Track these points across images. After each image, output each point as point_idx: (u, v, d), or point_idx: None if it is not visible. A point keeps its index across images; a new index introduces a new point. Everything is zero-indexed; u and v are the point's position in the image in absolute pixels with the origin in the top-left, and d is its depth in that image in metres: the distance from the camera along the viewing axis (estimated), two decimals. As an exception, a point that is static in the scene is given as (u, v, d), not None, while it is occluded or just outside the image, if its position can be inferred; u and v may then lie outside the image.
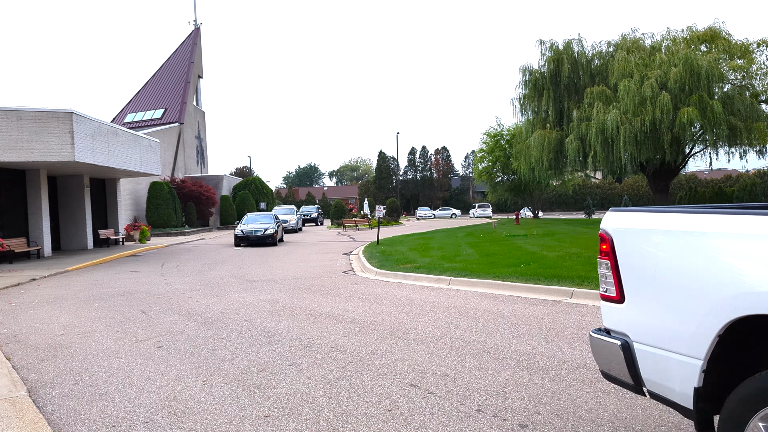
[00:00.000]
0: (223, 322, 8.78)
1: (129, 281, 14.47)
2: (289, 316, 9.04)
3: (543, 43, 34.69)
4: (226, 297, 11.38)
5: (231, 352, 6.85)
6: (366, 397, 5.10)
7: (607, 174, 40.33)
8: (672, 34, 32.43)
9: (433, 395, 5.07)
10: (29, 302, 11.47)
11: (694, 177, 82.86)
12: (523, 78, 35.37)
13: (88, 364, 6.58)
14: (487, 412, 4.60)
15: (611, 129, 28.91)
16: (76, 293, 12.58)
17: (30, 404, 5.09)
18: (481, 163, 56.53)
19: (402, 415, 4.62)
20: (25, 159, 18.84)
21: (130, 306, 10.60)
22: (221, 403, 5.05)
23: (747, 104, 29.25)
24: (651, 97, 28.63)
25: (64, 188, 25.38)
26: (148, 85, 53.65)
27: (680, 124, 28.03)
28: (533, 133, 33.76)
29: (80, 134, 19.60)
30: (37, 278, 15.31)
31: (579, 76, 34.01)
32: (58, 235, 25.46)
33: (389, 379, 5.60)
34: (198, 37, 55.16)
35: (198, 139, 53.85)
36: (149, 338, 7.81)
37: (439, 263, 14.77)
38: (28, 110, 18.89)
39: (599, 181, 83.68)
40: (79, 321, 9.28)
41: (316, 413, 4.72)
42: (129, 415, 4.85)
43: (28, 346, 7.62)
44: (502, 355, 6.30)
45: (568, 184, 55.49)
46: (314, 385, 5.46)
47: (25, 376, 6.13)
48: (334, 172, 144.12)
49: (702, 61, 28.97)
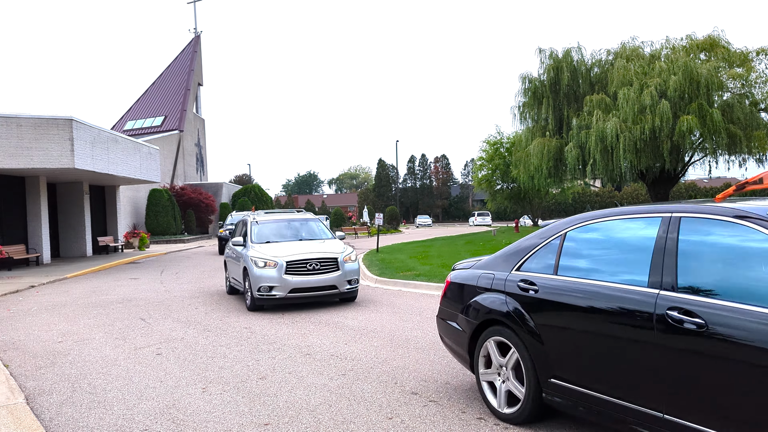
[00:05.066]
0: (222, 329, 8.74)
1: (128, 288, 14.42)
2: (288, 324, 8.99)
3: (542, 52, 34.81)
4: (225, 304, 11.33)
5: (230, 360, 6.80)
6: (366, 405, 5.05)
7: (606, 182, 40.40)
8: (671, 43, 32.54)
9: (434, 403, 5.03)
10: (28, 309, 11.41)
11: (694, 185, 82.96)
12: (523, 86, 35.47)
13: (86, 371, 6.53)
14: (489, 421, 4.56)
15: (611, 137, 28.96)
16: (75, 300, 12.52)
17: (28, 411, 5.04)
18: (481, 171, 56.60)
19: (403, 423, 4.58)
20: (25, 166, 18.82)
21: (129, 313, 10.55)
22: (220, 411, 5.01)
23: (746, 112, 29.32)
24: (650, 105, 28.70)
25: (64, 195, 25.36)
26: (148, 93, 53.77)
27: (680, 132, 28.07)
28: (533, 141, 33.80)
29: (80, 141, 19.60)
30: (36, 285, 15.25)
31: (578, 84, 34.12)
32: (57, 242, 25.42)
33: (390, 386, 5.56)
34: (198, 45, 55.34)
35: (198, 146, 53.90)
36: (148, 345, 7.76)
37: (439, 271, 14.73)
38: (27, 117, 18.89)
39: (599, 189, 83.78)
40: (77, 328, 9.23)
41: (317, 421, 4.68)
42: (128, 423, 4.80)
43: (26, 353, 7.57)
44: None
45: (567, 192, 55.53)
46: (314, 393, 5.42)
47: (23, 384, 6.08)
48: (333, 180, 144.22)
49: (701, 69, 29.07)
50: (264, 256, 10.32)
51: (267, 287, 10.02)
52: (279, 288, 10.03)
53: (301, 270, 10.18)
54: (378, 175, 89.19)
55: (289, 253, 10.36)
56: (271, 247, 10.80)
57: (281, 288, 10.03)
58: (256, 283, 10.07)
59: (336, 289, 10.33)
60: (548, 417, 4.52)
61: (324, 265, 10.33)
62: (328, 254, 10.44)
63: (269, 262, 10.16)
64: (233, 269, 11.98)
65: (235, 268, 11.68)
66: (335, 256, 10.44)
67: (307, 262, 10.21)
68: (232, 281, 12.23)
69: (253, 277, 10.15)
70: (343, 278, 10.39)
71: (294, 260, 10.17)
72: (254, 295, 10.15)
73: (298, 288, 10.10)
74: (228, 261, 12.65)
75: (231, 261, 12.25)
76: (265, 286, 10.02)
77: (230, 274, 12.40)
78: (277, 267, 10.07)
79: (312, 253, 10.38)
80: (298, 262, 10.18)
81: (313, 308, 10.49)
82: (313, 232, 12.07)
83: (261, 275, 10.07)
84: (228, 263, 12.66)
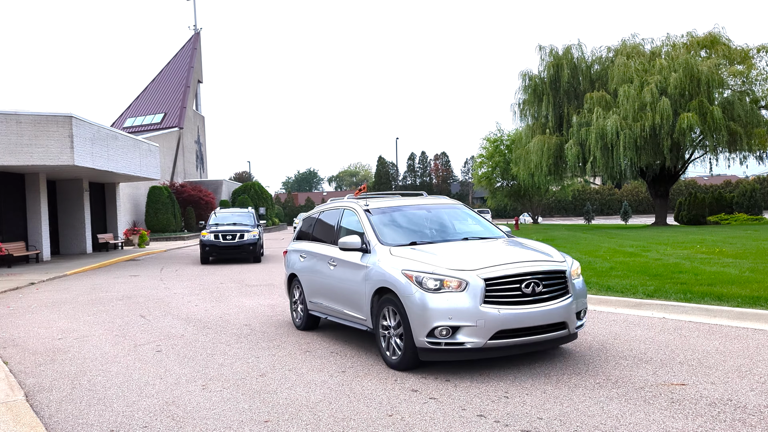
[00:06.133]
0: (222, 326, 8.73)
1: (128, 285, 14.42)
2: (288, 321, 8.99)
3: (543, 49, 34.78)
4: (225, 301, 11.33)
5: (230, 357, 6.80)
6: (366, 401, 5.05)
7: (606, 179, 40.39)
8: (672, 40, 32.51)
9: (434, 400, 5.02)
10: (27, 306, 11.41)
11: (694, 183, 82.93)
12: (523, 83, 35.44)
13: (86, 368, 6.53)
14: (489, 418, 4.56)
15: (611, 134, 28.93)
16: (75, 297, 12.52)
17: (27, 408, 5.04)
18: (481, 168, 56.60)
19: (403, 420, 4.58)
20: (25, 163, 18.81)
21: (128, 310, 10.55)
22: (220, 408, 5.00)
23: (747, 110, 29.30)
24: (651, 102, 28.66)
25: (64, 192, 25.35)
26: (147, 90, 53.74)
27: (680, 129, 28.05)
28: (533, 139, 33.79)
29: (80, 138, 19.58)
30: (36, 282, 15.25)
31: (579, 81, 34.09)
32: (57, 239, 25.42)
33: (390, 383, 5.55)
34: (198, 42, 55.28)
35: (197, 143, 53.87)
36: (148, 342, 7.76)
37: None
38: (27, 114, 18.87)
39: (599, 187, 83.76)
40: (77, 325, 9.23)
41: (317, 418, 4.68)
42: (127, 420, 4.80)
43: (25, 350, 7.56)
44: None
45: (567, 190, 55.48)
46: (314, 390, 5.42)
47: (23, 381, 6.08)
48: (333, 178, 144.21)
49: (702, 66, 29.03)
50: (435, 269, 5.71)
51: (447, 329, 5.50)
52: (472, 330, 5.47)
53: (511, 294, 5.61)
54: (378, 173, 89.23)
55: (479, 263, 5.77)
56: (427, 253, 6.12)
57: (477, 330, 5.46)
58: (426, 320, 5.54)
59: (565, 329, 5.84)
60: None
61: (549, 284, 5.81)
62: (549, 264, 5.94)
63: (448, 280, 5.60)
64: (327, 289, 7.47)
65: (336, 289, 7.21)
66: (562, 268, 5.96)
67: (521, 279, 5.66)
68: (325, 310, 7.62)
69: (415, 309, 5.62)
70: (573, 309, 5.89)
71: (498, 276, 5.60)
72: (418, 343, 5.65)
73: (508, 330, 5.52)
74: (305, 273, 8.12)
75: (316, 275, 7.79)
76: (444, 328, 5.50)
77: (313, 297, 7.90)
78: (467, 289, 5.53)
79: (522, 263, 5.81)
80: (506, 279, 5.62)
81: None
82: (472, 226, 7.46)
83: (436, 306, 5.51)
84: (307, 277, 8.07)
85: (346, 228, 7.48)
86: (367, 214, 7.25)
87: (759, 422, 4.24)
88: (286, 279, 9.01)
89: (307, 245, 8.37)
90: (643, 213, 78.46)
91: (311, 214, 8.84)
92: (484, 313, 5.48)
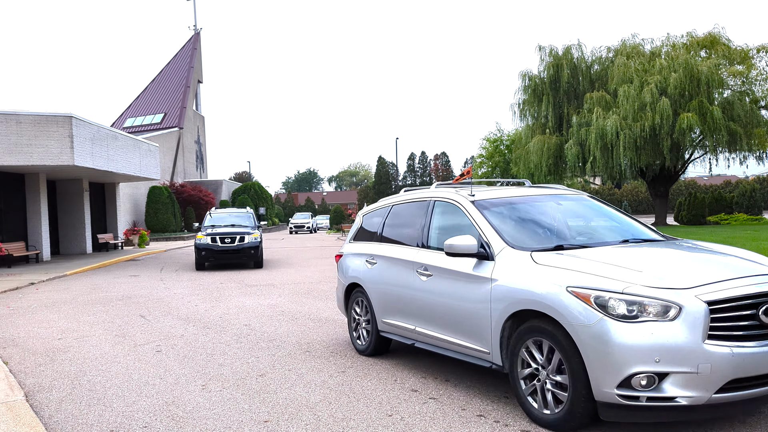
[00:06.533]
0: (222, 326, 8.74)
1: (128, 285, 14.42)
2: (288, 321, 8.99)
3: (542, 49, 34.79)
4: (225, 301, 11.33)
5: (230, 357, 6.80)
6: (366, 402, 5.05)
7: (606, 179, 40.43)
8: (672, 40, 32.53)
9: (434, 400, 5.03)
10: (27, 306, 11.42)
11: (694, 183, 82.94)
12: (523, 83, 35.45)
13: (86, 368, 6.53)
14: (489, 418, 4.56)
15: (611, 134, 28.95)
16: (75, 297, 12.52)
17: (27, 408, 5.04)
18: (481, 168, 56.58)
19: (403, 420, 4.58)
20: (25, 163, 18.81)
21: (128, 310, 10.55)
22: (220, 408, 5.01)
23: (747, 110, 29.32)
24: (651, 102, 28.68)
25: (63, 192, 25.35)
26: (147, 90, 53.76)
27: (680, 129, 28.06)
28: (533, 139, 33.82)
29: (80, 138, 19.58)
30: (36, 282, 15.25)
31: (578, 81, 34.11)
32: (57, 239, 25.42)
33: (389, 384, 5.55)
34: (198, 42, 55.30)
35: (197, 143, 53.90)
36: (148, 342, 7.76)
37: None
38: (27, 114, 18.87)
39: (598, 187, 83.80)
40: (77, 325, 9.23)
41: (316, 418, 4.68)
42: (127, 420, 4.80)
43: (25, 350, 7.57)
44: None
45: (567, 190, 55.34)
46: (314, 390, 5.42)
47: (23, 380, 6.08)
48: (333, 178, 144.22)
49: (702, 66, 29.05)
50: (626, 287, 3.93)
51: (651, 376, 3.75)
52: (689, 379, 3.71)
53: (744, 325, 3.84)
54: (378, 173, 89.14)
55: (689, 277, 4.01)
56: (597, 262, 4.30)
57: (698, 380, 3.70)
58: (617, 363, 3.77)
59: None
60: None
61: None
62: None
63: (649, 302, 3.84)
64: (416, 307, 5.69)
65: (433, 308, 5.42)
66: None
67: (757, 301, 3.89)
68: (409, 334, 5.87)
69: (596, 346, 3.84)
70: None
71: (727, 299, 3.83)
72: (601, 395, 3.88)
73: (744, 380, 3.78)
74: (376, 284, 6.37)
75: (395, 288, 6.02)
76: (647, 375, 3.75)
77: (388, 315, 6.17)
78: (682, 316, 3.77)
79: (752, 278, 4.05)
80: (736, 302, 3.85)
81: (314, 306, 10.47)
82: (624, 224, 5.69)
83: (633, 343, 3.75)
84: (379, 289, 6.31)
85: (440, 227, 5.73)
86: (479, 207, 5.35)
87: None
88: (343, 289, 7.17)
89: (376, 247, 6.57)
90: (643, 213, 78.48)
91: (377, 207, 7.02)
92: (709, 354, 3.67)
